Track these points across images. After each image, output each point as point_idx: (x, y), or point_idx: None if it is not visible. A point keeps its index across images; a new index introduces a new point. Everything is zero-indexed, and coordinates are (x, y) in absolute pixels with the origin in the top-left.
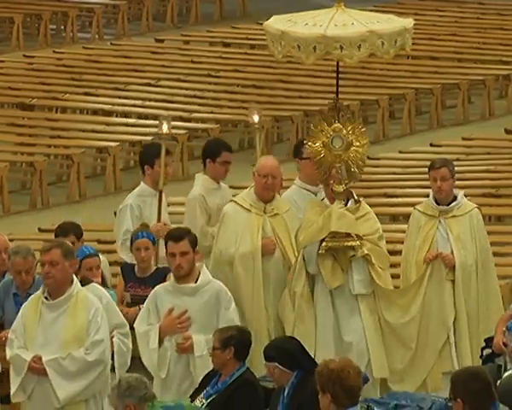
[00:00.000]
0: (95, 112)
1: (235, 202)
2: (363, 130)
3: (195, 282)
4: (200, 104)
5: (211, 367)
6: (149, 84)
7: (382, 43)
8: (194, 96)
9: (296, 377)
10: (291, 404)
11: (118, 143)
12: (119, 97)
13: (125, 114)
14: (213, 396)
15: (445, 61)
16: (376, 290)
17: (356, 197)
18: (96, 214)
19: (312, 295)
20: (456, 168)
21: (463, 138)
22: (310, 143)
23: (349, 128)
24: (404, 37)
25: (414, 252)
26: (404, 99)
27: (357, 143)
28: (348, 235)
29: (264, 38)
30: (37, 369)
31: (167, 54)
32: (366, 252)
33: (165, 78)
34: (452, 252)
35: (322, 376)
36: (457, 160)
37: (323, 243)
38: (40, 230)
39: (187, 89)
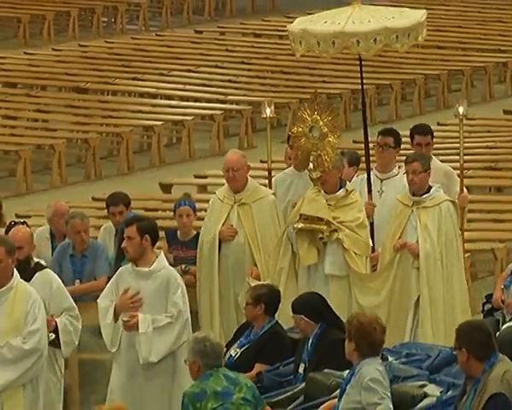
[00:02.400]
0: (141, 95)
1: (216, 193)
2: (337, 123)
3: (150, 267)
4: (234, 88)
5: (155, 345)
6: (190, 70)
7: (396, 37)
8: (229, 81)
9: (319, 328)
10: (314, 352)
11: (162, 123)
12: (163, 82)
13: (169, 97)
14: (246, 346)
15: (451, 49)
16: (350, 274)
17: (347, 187)
18: (143, 185)
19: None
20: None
21: (467, 118)
22: (293, 131)
23: (325, 120)
24: (417, 30)
25: (388, 237)
26: (414, 83)
27: (332, 135)
28: (320, 219)
29: None
30: None
31: (205, 43)
32: (336, 236)
33: (204, 64)
34: (418, 240)
35: (352, 326)
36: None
37: (295, 225)
38: (93, 199)
39: (223, 74)
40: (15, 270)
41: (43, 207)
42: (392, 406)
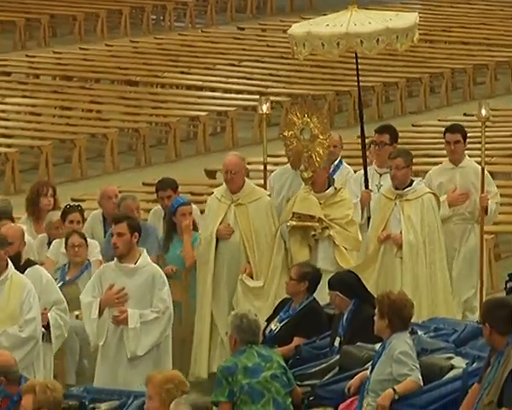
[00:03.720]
0: (188, 87)
1: (214, 192)
2: (326, 125)
3: (135, 263)
4: (274, 81)
5: (142, 339)
6: (233, 65)
7: (397, 37)
8: (270, 75)
9: (353, 304)
10: (349, 327)
11: (207, 113)
12: (208, 75)
13: (213, 89)
14: (285, 320)
15: (476, 45)
16: (341, 268)
17: (335, 186)
18: (189, 172)
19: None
20: (485, 133)
21: (491, 109)
22: (284, 134)
23: (315, 122)
24: (413, 31)
25: (373, 229)
26: (442, 77)
27: (322, 137)
28: (312, 217)
29: None
30: None
31: (247, 39)
32: (328, 233)
33: (246, 59)
34: (402, 232)
35: (383, 304)
36: (486, 126)
37: (288, 222)
38: (143, 184)
39: (263, 68)
40: (9, 261)
41: (97, 191)
42: (420, 376)
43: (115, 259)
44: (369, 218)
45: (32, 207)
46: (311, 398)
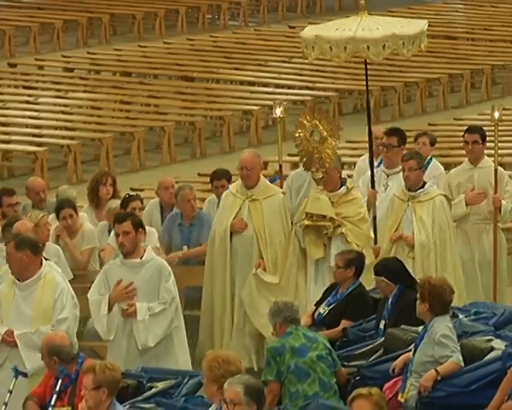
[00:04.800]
0: (241, 83)
1: (229, 187)
2: (336, 128)
3: (141, 258)
4: (322, 76)
5: (152, 331)
6: (284, 61)
7: (403, 44)
8: (317, 71)
9: (398, 289)
10: (393, 310)
11: (259, 107)
12: (260, 71)
13: (265, 85)
14: (333, 304)
15: None
16: None
17: (348, 185)
18: None
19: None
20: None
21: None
22: (296, 135)
23: (325, 125)
24: (420, 38)
25: (386, 230)
26: (482, 73)
27: (331, 139)
28: (324, 217)
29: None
30: (9, 341)
31: (298, 37)
32: (340, 231)
33: (296, 56)
34: (413, 232)
35: (424, 289)
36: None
37: (302, 222)
38: (199, 174)
39: (312, 64)
40: (44, 260)
41: (155, 182)
42: (461, 358)
43: (120, 256)
44: (374, 217)
45: (92, 196)
46: (357, 378)
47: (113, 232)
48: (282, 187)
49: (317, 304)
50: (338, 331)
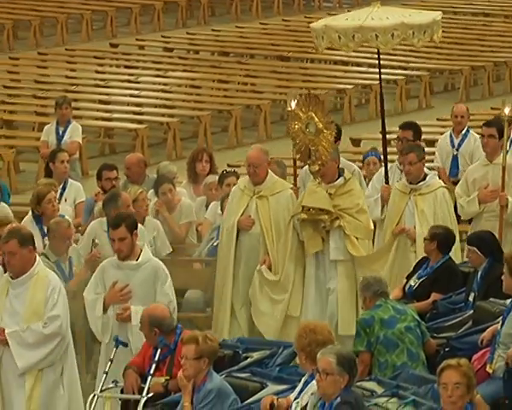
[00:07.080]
0: (335, 62)
1: (237, 183)
2: (330, 120)
3: (137, 259)
4: (415, 57)
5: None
6: None
7: (413, 33)
8: (410, 51)
9: (488, 262)
10: (483, 283)
11: (352, 86)
12: (354, 51)
13: (358, 64)
14: (424, 277)
15: None
16: (353, 258)
17: (345, 176)
18: None
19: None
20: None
21: None
22: (291, 127)
23: (320, 117)
24: (432, 28)
25: (388, 223)
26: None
27: (326, 131)
28: (321, 210)
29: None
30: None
31: None
32: (338, 224)
33: None
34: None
35: (511, 263)
36: None
37: (299, 215)
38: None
39: (405, 45)
40: (38, 257)
41: None
42: None
43: (116, 257)
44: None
45: (189, 172)
46: (446, 349)
47: (210, 207)
48: (295, 184)
49: (408, 277)
50: (428, 304)
